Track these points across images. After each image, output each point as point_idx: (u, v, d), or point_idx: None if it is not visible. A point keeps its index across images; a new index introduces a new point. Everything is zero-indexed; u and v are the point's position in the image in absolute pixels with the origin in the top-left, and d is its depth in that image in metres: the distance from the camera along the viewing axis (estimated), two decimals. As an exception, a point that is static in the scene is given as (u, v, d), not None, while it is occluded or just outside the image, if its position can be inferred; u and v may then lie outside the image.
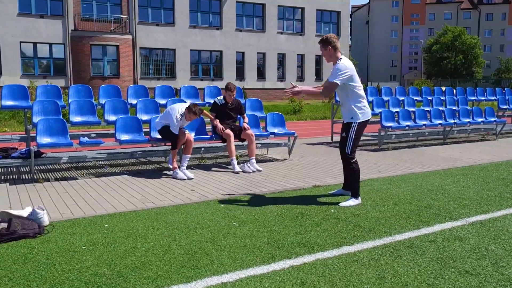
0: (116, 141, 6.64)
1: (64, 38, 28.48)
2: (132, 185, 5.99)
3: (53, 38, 28.16)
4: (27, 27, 27.23)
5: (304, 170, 7.14)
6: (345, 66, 4.84)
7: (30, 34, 27.42)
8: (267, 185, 6.02)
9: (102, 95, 8.07)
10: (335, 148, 9.95)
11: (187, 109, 6.42)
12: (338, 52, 4.98)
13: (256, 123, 8.02)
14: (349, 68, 4.86)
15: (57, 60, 28.85)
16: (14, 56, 27.07)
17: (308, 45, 36.52)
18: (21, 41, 27.30)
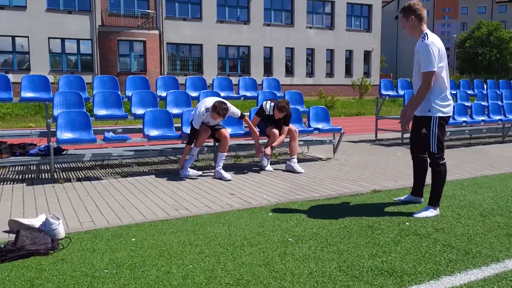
0: (144, 137, 5.91)
1: (92, 33, 28.23)
2: (162, 187, 5.24)
3: (80, 34, 27.94)
4: (55, 23, 27.07)
5: (355, 172, 6.26)
6: (435, 45, 3.92)
7: (58, 30, 27.26)
8: (317, 188, 5.18)
9: (129, 87, 7.37)
10: (380, 146, 9.00)
11: (212, 106, 5.66)
12: (424, 24, 4.07)
13: (297, 118, 7.17)
14: (439, 47, 3.95)
15: (85, 56, 28.66)
16: (43, 52, 26.97)
17: (338, 40, 35.36)
18: (49, 37, 27.17)
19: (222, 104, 5.65)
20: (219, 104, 5.64)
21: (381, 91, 9.86)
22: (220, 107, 5.61)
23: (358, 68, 36.52)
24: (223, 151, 5.93)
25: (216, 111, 5.60)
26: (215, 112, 5.60)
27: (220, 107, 5.61)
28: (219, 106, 5.61)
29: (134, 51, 29.00)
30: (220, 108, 5.61)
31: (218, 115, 5.63)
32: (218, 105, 5.61)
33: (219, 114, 5.62)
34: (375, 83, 36.66)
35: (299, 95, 8.10)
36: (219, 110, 5.60)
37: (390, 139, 10.26)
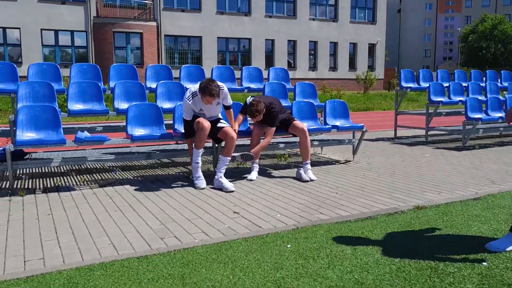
0: (127, 137, 4.81)
1: (86, 25, 27.06)
2: (148, 201, 4.14)
3: (75, 26, 26.75)
4: (48, 14, 25.88)
5: (384, 179, 5.16)
6: None
7: (51, 21, 26.07)
8: (343, 203, 4.08)
9: (114, 77, 6.26)
10: (402, 145, 7.90)
11: (200, 87, 4.52)
12: None
13: (312, 113, 6.06)
14: None
15: (79, 49, 27.51)
16: (35, 44, 25.81)
17: (341, 32, 34.18)
18: (42, 29, 25.99)
19: (211, 81, 4.50)
20: (207, 81, 4.48)
21: (401, 84, 8.74)
22: (209, 84, 4.45)
23: (362, 62, 35.35)
24: (228, 154, 4.82)
25: (207, 92, 4.42)
26: (206, 94, 4.45)
27: (210, 84, 4.45)
28: (207, 83, 4.45)
29: (130, 43, 27.86)
30: (210, 85, 4.43)
31: (210, 95, 4.45)
32: (206, 83, 4.45)
33: (212, 94, 4.44)
34: (379, 77, 35.54)
35: (311, 88, 6.99)
36: (211, 88, 4.42)
37: (411, 137, 9.15)
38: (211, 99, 4.52)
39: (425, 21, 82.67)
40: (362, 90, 31.24)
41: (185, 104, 4.63)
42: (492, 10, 72.52)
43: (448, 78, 9.34)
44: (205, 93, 4.46)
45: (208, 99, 4.51)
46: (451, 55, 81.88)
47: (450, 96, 8.42)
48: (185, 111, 4.64)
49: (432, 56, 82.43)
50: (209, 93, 4.45)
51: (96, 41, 27.04)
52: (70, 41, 27.12)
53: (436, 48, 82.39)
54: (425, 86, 8.85)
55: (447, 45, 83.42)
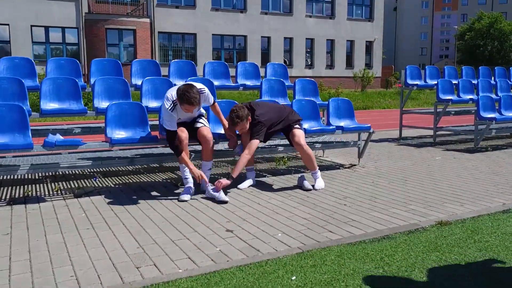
0: (106, 141, 4.23)
1: (78, 21, 26.38)
2: (126, 216, 3.57)
3: (66, 22, 26.07)
4: (38, 10, 25.18)
5: (396, 187, 4.60)
6: None
7: (41, 17, 25.37)
8: (353, 217, 3.52)
9: (95, 73, 5.67)
10: (408, 147, 7.35)
11: (177, 93, 3.90)
12: None
13: (314, 113, 5.50)
14: None
15: (70, 46, 26.82)
16: (25, 41, 25.10)
17: (338, 30, 33.67)
18: (32, 25, 25.28)
19: (189, 87, 3.85)
20: (185, 88, 3.82)
21: (406, 81, 8.19)
22: (187, 92, 3.79)
23: (359, 59, 34.86)
24: (207, 158, 4.29)
25: (185, 100, 3.79)
26: (184, 102, 3.81)
27: (188, 91, 3.79)
28: (185, 90, 3.80)
29: (123, 40, 27.21)
30: (189, 92, 3.78)
31: (189, 104, 3.81)
32: (184, 90, 3.80)
33: (191, 103, 3.80)
34: (377, 75, 35.02)
35: (312, 84, 6.42)
36: (189, 97, 3.77)
37: (417, 138, 8.62)
38: (191, 108, 3.89)
39: (421, 19, 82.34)
40: (360, 88, 30.74)
41: (167, 115, 3.96)
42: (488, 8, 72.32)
43: (456, 75, 8.80)
44: (183, 101, 3.81)
45: (188, 108, 3.88)
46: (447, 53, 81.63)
47: (460, 94, 7.88)
48: (168, 121, 3.95)
49: (428, 54, 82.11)
50: (188, 101, 3.80)
51: (88, 38, 26.37)
52: (61, 38, 26.44)
53: (433, 46, 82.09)
54: (431, 83, 8.31)
55: (443, 43, 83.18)
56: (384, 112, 16.48)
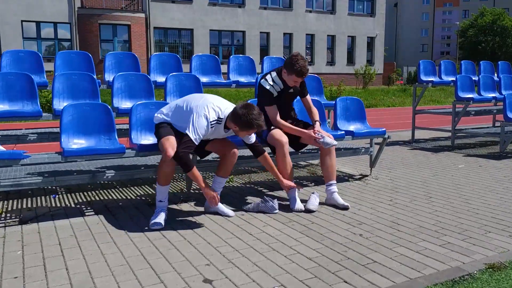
0: (59, 153, 3.36)
1: (70, 16, 25.47)
2: (75, 255, 2.71)
3: (58, 17, 25.15)
4: (29, 4, 24.25)
5: (419, 206, 3.74)
6: None
7: (32, 12, 24.44)
8: (374, 257, 2.66)
9: (61, 67, 4.79)
10: (424, 151, 6.48)
11: (235, 116, 3.18)
12: None
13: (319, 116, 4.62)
14: None
15: (63, 41, 25.93)
16: (15, 36, 24.18)
17: (339, 25, 32.78)
18: (22, 20, 24.36)
19: (252, 109, 3.15)
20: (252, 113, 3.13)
21: (420, 77, 7.32)
22: (258, 120, 3.14)
23: (360, 56, 33.99)
24: (226, 174, 3.57)
25: (255, 125, 3.14)
26: (249, 127, 3.17)
27: (259, 119, 3.14)
28: (255, 117, 3.12)
29: (117, 36, 26.31)
30: (260, 120, 3.15)
31: (251, 128, 3.18)
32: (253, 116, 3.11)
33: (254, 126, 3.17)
34: (379, 72, 34.12)
35: (316, 81, 5.55)
36: (259, 122, 3.15)
37: (431, 140, 7.76)
38: (247, 133, 3.29)
39: (422, 15, 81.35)
40: (361, 85, 29.88)
41: (202, 127, 3.17)
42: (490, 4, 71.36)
43: (474, 71, 7.93)
44: (249, 126, 3.16)
45: (250, 132, 3.25)
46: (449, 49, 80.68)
47: (480, 92, 7.02)
48: (197, 133, 3.16)
49: (429, 51, 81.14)
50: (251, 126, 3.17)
51: (81, 34, 25.48)
52: (53, 33, 25.54)
53: (434, 42, 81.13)
54: (448, 80, 7.44)
55: (444, 39, 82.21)
56: (389, 111, 15.61)
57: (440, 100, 19.48)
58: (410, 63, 69.92)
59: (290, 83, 3.78)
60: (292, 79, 3.72)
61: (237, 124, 3.17)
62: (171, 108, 3.45)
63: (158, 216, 3.23)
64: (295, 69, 3.65)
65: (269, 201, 3.59)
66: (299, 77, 3.70)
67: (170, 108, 3.46)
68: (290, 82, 3.78)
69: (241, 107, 3.16)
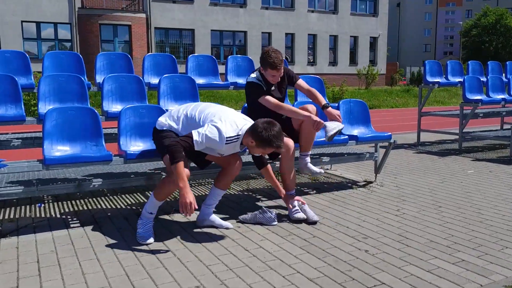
0: (41, 161, 3.12)
1: (71, 17, 25.28)
2: (53, 274, 2.47)
3: (58, 17, 24.96)
4: (29, 4, 24.07)
5: (428, 217, 3.49)
6: None
7: (32, 12, 24.27)
8: (381, 277, 2.41)
9: (49, 68, 4.56)
10: (430, 155, 6.22)
11: (255, 132, 2.93)
12: None
13: (320, 118, 4.37)
14: None
15: (63, 42, 25.75)
16: (15, 37, 23.99)
17: (342, 25, 32.51)
18: (22, 20, 24.19)
19: (274, 127, 2.94)
20: (274, 129, 2.92)
21: (426, 78, 7.06)
22: (277, 135, 2.93)
23: (363, 56, 33.71)
24: (225, 187, 3.29)
25: (270, 144, 2.93)
26: (265, 145, 2.94)
27: (277, 136, 2.94)
28: (275, 131, 2.92)
29: (118, 36, 26.11)
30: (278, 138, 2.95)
31: (269, 146, 2.96)
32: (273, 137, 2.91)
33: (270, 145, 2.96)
34: (381, 72, 33.82)
35: (318, 83, 5.30)
36: (276, 143, 2.95)
37: (436, 143, 7.50)
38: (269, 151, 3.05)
39: (425, 15, 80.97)
40: (364, 86, 29.59)
41: (212, 140, 2.90)
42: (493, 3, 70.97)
43: (481, 72, 7.66)
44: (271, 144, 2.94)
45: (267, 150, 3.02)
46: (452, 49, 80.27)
47: (489, 94, 6.75)
48: (202, 142, 2.88)
49: (432, 51, 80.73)
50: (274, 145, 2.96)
51: (81, 34, 25.27)
52: (53, 34, 25.36)
53: (437, 42, 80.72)
54: (454, 81, 7.17)
55: (447, 39, 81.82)
56: (393, 112, 15.35)
57: (444, 101, 19.20)
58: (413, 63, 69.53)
59: (270, 79, 3.60)
60: (270, 74, 3.54)
61: (255, 139, 2.92)
62: (179, 115, 3.14)
63: (148, 231, 2.99)
64: (269, 62, 3.46)
65: (267, 212, 3.34)
66: (273, 69, 3.49)
67: (178, 114, 3.15)
68: (270, 78, 3.59)
69: (263, 122, 2.92)
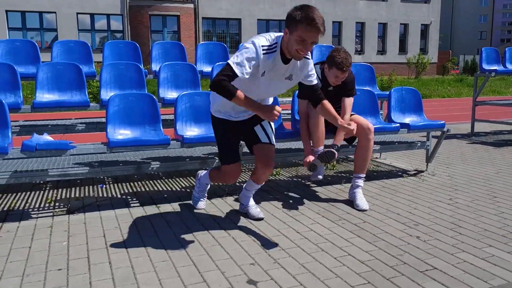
0: (105, 144, 3.34)
1: (122, 8, 26.11)
2: (131, 245, 2.66)
3: (110, 9, 25.87)
4: (83, -4, 25.11)
5: (482, 207, 3.43)
6: None
7: (87, 4, 25.29)
8: (433, 262, 2.42)
9: (109, 58, 4.81)
10: (484, 145, 6.03)
11: (291, 17, 2.51)
12: None
13: (372, 106, 4.37)
14: None
15: (116, 33, 26.66)
16: (71, 28, 25.13)
17: (391, 12, 31.59)
18: (77, 12, 25.26)
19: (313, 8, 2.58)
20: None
21: (482, 66, 6.81)
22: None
23: (413, 44, 32.63)
24: (258, 182, 3.08)
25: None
26: (307, 23, 2.45)
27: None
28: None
29: (167, 26, 26.71)
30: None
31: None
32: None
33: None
34: (433, 61, 32.65)
35: (369, 71, 5.26)
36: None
37: (491, 133, 7.24)
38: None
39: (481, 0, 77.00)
40: (414, 75, 28.72)
41: (249, 52, 2.48)
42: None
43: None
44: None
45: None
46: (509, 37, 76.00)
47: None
48: (242, 62, 2.46)
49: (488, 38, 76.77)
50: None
51: (133, 25, 26.06)
52: (106, 25, 26.31)
53: (493, 29, 76.63)
54: (513, 69, 6.88)
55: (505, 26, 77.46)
56: (444, 102, 14.84)
57: (500, 91, 18.31)
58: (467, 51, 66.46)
59: (331, 79, 3.46)
60: (333, 73, 3.40)
61: (295, 22, 2.43)
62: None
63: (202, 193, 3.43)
64: (335, 61, 3.34)
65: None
66: (339, 69, 3.35)
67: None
68: (331, 78, 3.46)
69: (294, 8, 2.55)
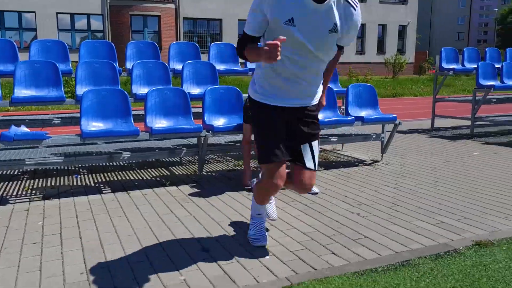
0: (79, 135, 3.63)
1: (103, 8, 26.17)
2: (100, 223, 2.96)
3: (91, 8, 25.92)
4: (64, -4, 25.10)
5: (423, 190, 3.83)
6: None
7: (66, 4, 25.28)
8: (365, 232, 2.79)
9: (85, 56, 5.08)
10: (441, 139, 6.48)
11: None
12: None
13: (330, 101, 4.74)
14: None
15: (96, 33, 26.68)
16: (51, 29, 25.09)
17: (370, 13, 32.26)
18: (57, 12, 25.24)
19: None
20: None
21: (441, 65, 7.27)
22: None
23: (391, 45, 33.38)
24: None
25: None
26: None
27: None
28: None
29: (148, 27, 26.85)
30: None
31: None
32: None
33: None
34: (410, 61, 33.42)
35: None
36: None
37: (451, 128, 7.71)
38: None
39: (458, 2, 78.71)
40: (391, 74, 29.41)
41: (253, 4, 2.16)
42: (532, -11, 68.38)
43: (499, 59, 7.79)
44: None
45: None
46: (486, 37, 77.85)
47: (503, 80, 6.91)
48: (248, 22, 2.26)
49: (465, 39, 78.52)
50: None
51: (113, 25, 26.13)
52: (86, 25, 26.33)
53: (471, 30, 78.42)
54: (471, 67, 7.35)
55: (482, 27, 79.35)
56: (416, 100, 15.41)
57: (471, 90, 18.99)
58: (445, 52, 67.72)
59: None
60: None
61: None
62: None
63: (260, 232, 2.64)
64: None
65: None
66: None
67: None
68: None
69: None
